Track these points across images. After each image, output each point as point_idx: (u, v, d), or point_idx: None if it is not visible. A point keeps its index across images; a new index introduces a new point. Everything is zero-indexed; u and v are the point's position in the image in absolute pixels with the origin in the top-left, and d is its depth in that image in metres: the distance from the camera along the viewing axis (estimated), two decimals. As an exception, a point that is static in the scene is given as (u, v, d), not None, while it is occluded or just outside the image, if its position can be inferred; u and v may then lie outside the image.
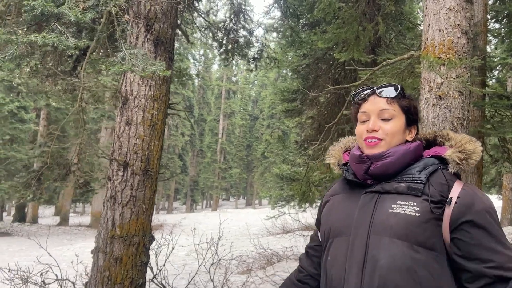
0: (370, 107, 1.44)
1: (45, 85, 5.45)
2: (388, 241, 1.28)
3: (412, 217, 1.28)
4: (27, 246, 15.86)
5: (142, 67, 2.78)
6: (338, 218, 1.44)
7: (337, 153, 1.61)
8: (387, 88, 1.46)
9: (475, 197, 1.32)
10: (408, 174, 1.38)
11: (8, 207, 38.73)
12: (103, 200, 4.17)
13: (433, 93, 3.93)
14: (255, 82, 52.06)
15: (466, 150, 1.41)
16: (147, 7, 4.09)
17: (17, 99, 19.71)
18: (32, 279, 5.14)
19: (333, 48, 7.33)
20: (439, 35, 3.99)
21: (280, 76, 22.94)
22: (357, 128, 1.47)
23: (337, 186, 1.57)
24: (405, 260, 1.25)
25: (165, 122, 4.38)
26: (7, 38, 2.58)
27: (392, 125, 1.41)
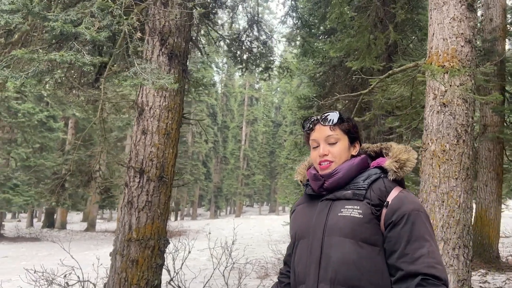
0: (317, 135, 1.68)
1: (69, 96, 5.77)
2: (338, 240, 1.54)
3: (357, 218, 1.54)
4: (55, 251, 16.39)
5: (152, 81, 2.99)
6: (301, 224, 1.70)
7: (302, 170, 1.84)
8: (329, 116, 1.69)
9: (404, 200, 1.56)
10: (355, 183, 1.63)
11: (38, 213, 39.95)
12: (121, 206, 4.40)
13: (438, 100, 4.02)
14: (278, 89, 52.25)
15: (401, 160, 1.64)
16: (161, 23, 4.33)
17: (46, 109, 20.39)
18: (56, 280, 5.43)
19: (346, 56, 7.44)
20: (443, 44, 4.08)
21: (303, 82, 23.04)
22: (311, 153, 1.72)
23: (302, 198, 1.82)
24: (352, 255, 1.51)
25: (179, 131, 4.60)
26: (30, 56, 2.83)
27: (338, 147, 1.66)
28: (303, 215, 1.72)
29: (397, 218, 1.52)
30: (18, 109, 18.64)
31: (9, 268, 11.72)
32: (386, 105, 5.79)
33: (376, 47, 6.21)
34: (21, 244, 18.85)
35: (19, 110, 18.70)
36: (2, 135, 19.48)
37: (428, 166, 4.06)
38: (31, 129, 19.44)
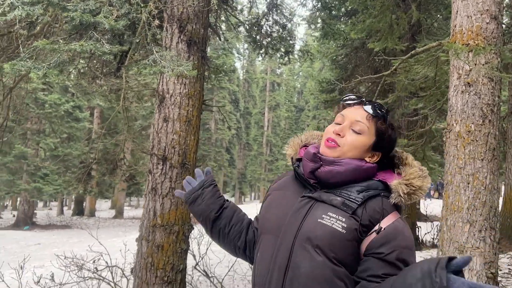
0: (349, 114, 1.43)
1: (92, 86, 5.86)
2: (312, 250, 1.29)
3: (338, 232, 1.29)
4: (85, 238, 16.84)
5: (171, 68, 3.01)
6: (271, 216, 1.45)
7: (296, 145, 1.57)
8: (375, 105, 1.43)
9: (399, 234, 1.31)
10: (348, 190, 1.36)
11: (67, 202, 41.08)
12: (145, 192, 4.48)
13: (462, 80, 3.91)
14: (300, 74, 51.82)
15: (413, 185, 1.36)
16: (179, 10, 4.33)
17: (72, 99, 20.82)
18: (86, 266, 5.60)
19: (368, 37, 7.30)
20: (467, 21, 3.95)
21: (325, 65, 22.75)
22: (329, 126, 1.46)
23: (283, 181, 1.55)
24: (324, 271, 1.28)
25: (200, 117, 4.62)
26: (51, 47, 2.88)
27: (355, 138, 1.39)
28: (277, 206, 1.46)
29: (386, 252, 1.27)
30: (45, 100, 19.09)
31: (42, 254, 12.15)
32: (409, 86, 5.67)
33: (398, 27, 6.07)
34: (53, 231, 19.49)
35: (46, 101, 19.16)
36: (31, 126, 20.01)
37: (452, 148, 3.97)
38: (58, 119, 19.91)
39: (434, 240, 9.33)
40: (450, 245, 3.86)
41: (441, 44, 4.30)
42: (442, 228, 4.07)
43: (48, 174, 20.22)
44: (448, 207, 3.96)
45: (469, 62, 3.81)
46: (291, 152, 1.56)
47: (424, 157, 5.57)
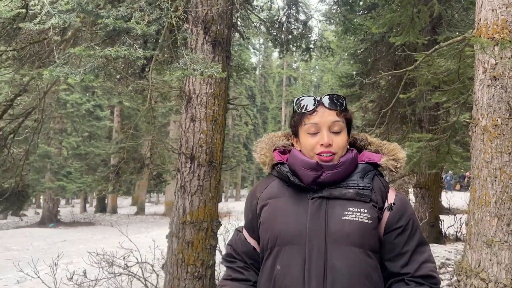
0: (320, 120, 1.44)
1: (118, 87, 6.00)
2: (347, 249, 1.33)
3: (366, 224, 1.36)
4: (109, 234, 17.23)
5: (201, 71, 3.09)
6: (286, 225, 1.41)
7: (269, 151, 1.56)
8: (334, 99, 1.47)
9: (406, 203, 1.46)
10: (352, 180, 1.42)
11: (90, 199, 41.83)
12: (174, 190, 4.60)
13: (488, 74, 3.91)
14: (316, 67, 51.58)
15: (399, 158, 1.49)
16: (204, 11, 4.42)
17: (92, 98, 21.19)
18: (116, 262, 5.77)
19: (389, 31, 7.28)
20: (492, 15, 3.94)
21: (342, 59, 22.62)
22: (306, 140, 1.46)
23: (274, 188, 1.52)
24: (362, 267, 1.33)
25: (225, 116, 4.72)
26: (87, 53, 3.00)
27: (342, 138, 1.45)
28: (285, 215, 1.43)
29: (405, 223, 1.41)
30: (67, 100, 19.47)
31: (69, 251, 12.45)
32: (432, 80, 5.66)
33: (420, 20, 6.04)
34: (77, 228, 19.93)
35: (68, 101, 19.53)
36: (54, 125, 20.43)
37: (479, 142, 3.98)
38: (79, 118, 20.31)
39: (457, 233, 9.28)
40: (478, 239, 3.87)
41: (466, 38, 4.29)
42: (469, 222, 4.09)
43: (71, 172, 20.65)
44: (475, 201, 3.97)
45: (495, 56, 3.80)
46: (265, 159, 1.55)
47: (448, 151, 5.57)
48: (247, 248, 1.57)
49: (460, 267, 4.04)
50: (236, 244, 1.60)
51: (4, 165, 4.96)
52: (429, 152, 5.56)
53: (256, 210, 1.52)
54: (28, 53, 4.51)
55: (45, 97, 5.01)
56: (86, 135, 21.97)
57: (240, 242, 1.59)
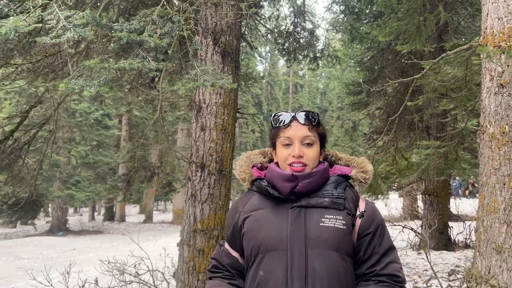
0: (293, 133, 1.58)
1: (128, 97, 6.10)
2: (326, 253, 1.45)
3: (342, 230, 1.49)
4: (118, 243, 17.32)
5: (212, 82, 3.16)
6: (268, 233, 1.51)
7: (247, 168, 1.68)
8: (310, 115, 1.63)
9: (375, 210, 1.60)
10: (327, 190, 1.56)
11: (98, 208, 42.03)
12: (185, 198, 4.67)
13: (495, 82, 3.95)
14: (323, 75, 51.68)
15: (367, 171, 1.65)
16: (213, 23, 4.51)
17: (101, 107, 21.37)
18: (127, 270, 5.82)
19: (395, 39, 7.33)
20: (498, 23, 3.99)
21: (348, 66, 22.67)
22: (281, 151, 1.60)
23: (255, 202, 1.62)
24: (339, 269, 1.46)
25: (235, 125, 4.79)
26: (102, 66, 3.08)
27: (313, 150, 1.58)
28: (268, 224, 1.53)
29: (374, 229, 1.54)
30: (76, 109, 19.67)
31: (78, 259, 12.53)
32: (439, 87, 5.69)
33: (426, 28, 6.09)
34: (86, 237, 20.03)
35: (76, 110, 19.74)
36: (63, 134, 20.63)
37: (487, 149, 4.01)
38: (88, 127, 20.49)
39: (467, 240, 9.24)
40: (487, 246, 3.89)
41: (472, 46, 4.33)
42: (478, 229, 4.10)
43: (80, 181, 20.80)
44: (484, 208, 3.99)
45: (501, 64, 3.84)
46: (245, 176, 1.67)
47: (457, 158, 5.59)
48: (232, 260, 1.65)
49: (470, 274, 4.05)
50: (221, 257, 1.69)
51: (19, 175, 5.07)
52: (437, 159, 5.59)
53: (238, 223, 1.62)
54: (41, 66, 4.62)
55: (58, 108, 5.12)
56: (94, 144, 22.14)
57: (224, 255, 1.67)
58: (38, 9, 3.42)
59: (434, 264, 6.15)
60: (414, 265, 6.83)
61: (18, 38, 3.70)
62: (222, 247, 1.70)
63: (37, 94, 5.41)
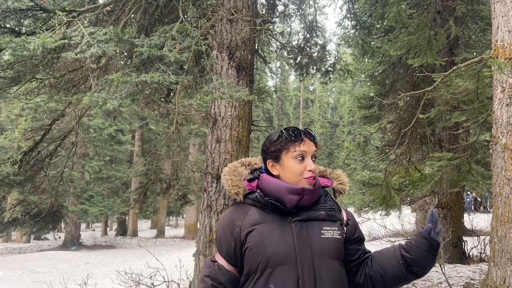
0: (307, 148, 1.66)
1: (145, 111, 6.25)
2: (329, 262, 1.58)
3: (339, 239, 1.63)
4: (130, 257, 17.38)
5: (229, 94, 3.28)
6: (277, 248, 1.55)
7: (239, 182, 1.67)
8: (314, 134, 1.72)
9: (354, 218, 1.77)
10: (319, 203, 1.67)
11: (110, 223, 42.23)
12: (201, 209, 4.75)
13: (506, 93, 4.01)
14: (333, 89, 51.82)
15: (344, 182, 1.80)
16: (229, 38, 4.65)
17: (114, 123, 21.67)
18: (143, 281, 5.89)
19: (406, 53, 7.42)
20: (509, 36, 4.07)
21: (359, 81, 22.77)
22: (293, 165, 1.65)
23: (255, 215, 1.63)
24: (340, 276, 1.61)
25: (249, 138, 4.88)
26: (124, 79, 3.22)
27: (316, 166, 1.69)
28: (273, 238, 1.58)
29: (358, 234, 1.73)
30: (90, 125, 19.98)
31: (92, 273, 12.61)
32: (451, 100, 5.75)
33: (437, 42, 6.18)
34: (99, 251, 20.12)
35: (91, 126, 20.04)
36: (77, 150, 20.91)
37: (499, 160, 4.05)
38: (102, 143, 20.75)
39: (481, 254, 9.15)
40: (502, 256, 3.90)
41: (483, 59, 4.41)
42: (492, 239, 4.12)
43: (93, 196, 21.01)
44: (498, 218, 4.02)
45: (512, 76, 3.91)
46: (238, 189, 1.66)
47: (469, 170, 5.61)
48: (229, 276, 1.63)
49: (485, 285, 4.06)
50: (216, 274, 1.64)
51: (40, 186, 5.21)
52: (450, 170, 5.62)
53: (240, 237, 1.61)
54: (63, 81, 4.79)
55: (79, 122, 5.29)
56: (108, 159, 22.40)
57: (220, 272, 1.64)
58: (63, 26, 3.59)
59: (448, 277, 6.12)
60: (427, 278, 6.79)
61: (42, 54, 3.87)
62: (216, 263, 1.67)
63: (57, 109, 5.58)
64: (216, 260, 1.69)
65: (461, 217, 9.64)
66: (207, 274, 1.67)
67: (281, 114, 48.53)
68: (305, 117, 47.14)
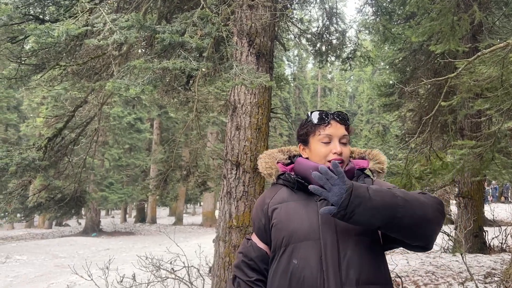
0: (333, 131, 1.68)
1: (164, 99, 6.29)
2: (355, 239, 1.56)
3: None
4: (149, 243, 17.67)
5: (250, 80, 3.28)
6: (301, 225, 1.60)
7: (273, 164, 1.78)
8: (344, 116, 1.74)
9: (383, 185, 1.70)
10: None
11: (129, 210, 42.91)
12: (220, 196, 4.79)
13: (533, 79, 3.90)
14: (352, 78, 51.31)
15: (381, 161, 1.80)
16: (248, 25, 4.63)
17: (133, 111, 21.89)
18: (163, 266, 5.99)
19: (428, 40, 7.28)
20: (536, 20, 3.94)
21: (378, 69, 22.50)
22: (320, 148, 1.68)
23: (283, 194, 1.71)
24: (369, 253, 1.56)
25: (268, 125, 4.88)
26: (146, 66, 3.24)
27: (348, 149, 1.71)
28: (298, 215, 1.62)
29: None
30: (109, 113, 20.21)
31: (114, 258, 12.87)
32: (474, 87, 5.63)
33: (460, 28, 6.04)
34: (118, 238, 20.51)
35: (110, 114, 20.27)
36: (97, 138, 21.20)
37: (525, 147, 3.97)
38: (121, 131, 21.01)
39: (502, 244, 9.03)
40: (525, 245, 3.84)
41: (509, 44, 4.29)
42: (516, 228, 4.05)
43: (113, 183, 21.34)
44: (522, 207, 3.95)
45: (540, 61, 3.80)
46: (271, 171, 1.76)
47: (493, 158, 5.51)
48: (260, 253, 1.71)
49: (507, 274, 4.01)
50: (248, 250, 1.74)
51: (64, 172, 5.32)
52: (472, 159, 5.52)
53: (267, 214, 1.70)
54: (85, 68, 4.85)
55: (101, 109, 5.37)
56: (127, 147, 22.67)
57: (252, 248, 1.74)
58: (85, 13, 3.62)
59: (469, 266, 6.06)
60: (448, 268, 6.74)
61: (66, 41, 3.92)
62: (250, 241, 1.76)
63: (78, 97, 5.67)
64: (251, 238, 1.79)
65: (482, 207, 9.51)
66: (240, 250, 1.79)
67: (299, 102, 48.31)
68: (322, 105, 46.84)
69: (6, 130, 28.24)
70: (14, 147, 4.64)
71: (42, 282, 9.48)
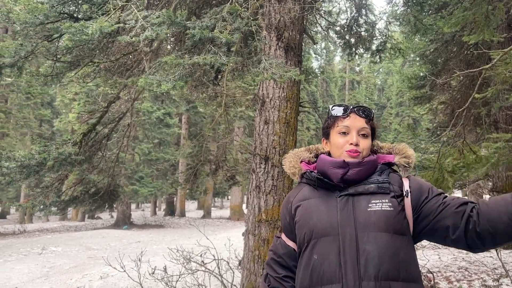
0: (351, 123, 1.71)
1: (194, 94, 6.36)
2: (375, 235, 1.55)
3: (389, 211, 1.58)
4: (178, 236, 17.96)
5: (280, 74, 3.28)
6: (320, 220, 1.63)
7: (297, 163, 1.82)
8: (365, 110, 1.76)
9: (418, 181, 1.70)
10: (372, 178, 1.67)
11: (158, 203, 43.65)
12: (249, 190, 4.82)
13: None
14: (380, 70, 50.45)
15: (409, 155, 1.75)
16: (277, 18, 4.62)
17: (162, 107, 22.21)
18: (194, 259, 6.09)
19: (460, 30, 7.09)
20: None
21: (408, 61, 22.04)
22: (337, 139, 1.73)
23: (305, 192, 1.75)
24: (389, 248, 1.54)
25: (297, 119, 4.87)
26: (177, 62, 3.29)
27: (367, 142, 1.72)
28: (318, 212, 1.65)
29: (427, 193, 1.64)
30: (139, 108, 20.58)
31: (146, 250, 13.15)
32: (510, 78, 5.46)
33: (495, 17, 5.84)
34: (149, 230, 20.92)
35: (140, 110, 20.63)
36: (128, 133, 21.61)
37: None
38: (150, 126, 21.35)
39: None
40: None
41: (548, 34, 4.14)
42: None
43: (143, 177, 21.74)
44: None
45: None
46: (294, 170, 1.82)
47: (529, 152, 5.33)
48: (287, 250, 1.77)
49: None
50: (277, 248, 1.82)
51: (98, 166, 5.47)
52: (507, 152, 5.36)
53: (291, 211, 1.75)
54: (117, 64, 4.95)
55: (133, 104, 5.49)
56: (156, 141, 23.04)
57: (280, 246, 1.81)
58: (118, 10, 3.69)
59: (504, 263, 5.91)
60: (482, 264, 6.59)
61: (99, 38, 4.01)
62: (279, 239, 1.83)
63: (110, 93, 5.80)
64: (280, 236, 1.85)
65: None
66: (271, 248, 1.87)
67: (326, 96, 47.88)
68: (351, 98, 46.30)
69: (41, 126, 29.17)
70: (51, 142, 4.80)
71: (77, 273, 9.78)
